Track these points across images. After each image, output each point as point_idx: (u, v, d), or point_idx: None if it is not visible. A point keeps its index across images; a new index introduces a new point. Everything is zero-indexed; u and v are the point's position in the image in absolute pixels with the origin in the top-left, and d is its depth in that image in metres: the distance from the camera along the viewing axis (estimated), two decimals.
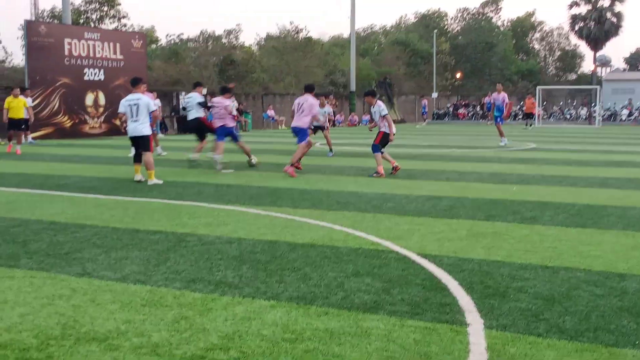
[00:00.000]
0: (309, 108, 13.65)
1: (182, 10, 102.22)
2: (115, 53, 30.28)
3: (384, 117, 13.36)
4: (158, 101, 22.13)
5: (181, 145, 21.42)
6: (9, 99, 20.22)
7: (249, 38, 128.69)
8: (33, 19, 39.17)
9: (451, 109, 58.51)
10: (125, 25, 42.52)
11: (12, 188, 11.34)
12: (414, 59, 68.73)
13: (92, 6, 39.84)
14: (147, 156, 12.10)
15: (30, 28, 27.57)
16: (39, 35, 27.29)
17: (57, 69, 27.76)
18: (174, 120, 35.17)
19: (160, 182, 11.97)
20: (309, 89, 14.11)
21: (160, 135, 23.63)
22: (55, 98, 27.74)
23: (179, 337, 4.14)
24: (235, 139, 15.04)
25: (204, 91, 18.90)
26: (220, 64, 47.26)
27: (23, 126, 20.82)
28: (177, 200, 9.95)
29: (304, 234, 7.29)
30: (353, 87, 48.16)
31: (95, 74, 29.38)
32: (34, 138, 25.14)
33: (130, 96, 12.20)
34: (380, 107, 13.38)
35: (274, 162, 15.73)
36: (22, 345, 3.99)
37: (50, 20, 39.27)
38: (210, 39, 53.35)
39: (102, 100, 29.81)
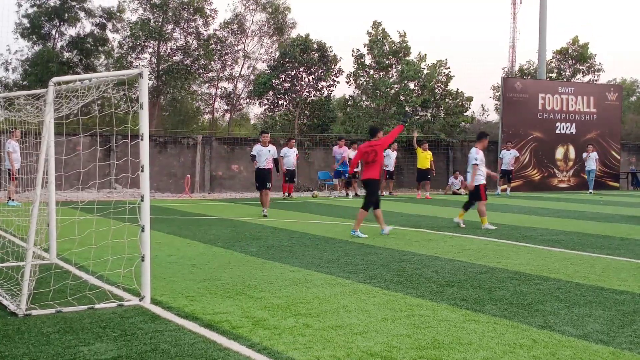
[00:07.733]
0: None
1: None
2: (588, 106, 29.92)
3: None
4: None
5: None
6: (419, 151, 24.22)
7: None
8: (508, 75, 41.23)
9: None
10: (597, 79, 41.47)
11: (481, 237, 12.01)
12: None
13: (565, 63, 40.02)
14: (480, 205, 13.47)
15: (506, 84, 29.11)
16: (514, 91, 28.64)
17: (530, 123, 28.64)
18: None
19: (493, 227, 13.15)
20: None
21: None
22: (526, 152, 28.60)
23: None
24: None
25: None
26: None
27: (429, 176, 24.50)
28: None
29: None
30: None
31: (566, 128, 29.45)
32: (509, 191, 26.10)
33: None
34: None
35: None
36: None
37: (525, 77, 40.61)
38: None
39: (572, 153, 29.67)
